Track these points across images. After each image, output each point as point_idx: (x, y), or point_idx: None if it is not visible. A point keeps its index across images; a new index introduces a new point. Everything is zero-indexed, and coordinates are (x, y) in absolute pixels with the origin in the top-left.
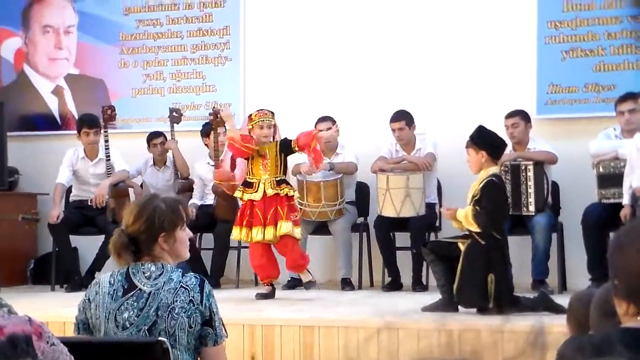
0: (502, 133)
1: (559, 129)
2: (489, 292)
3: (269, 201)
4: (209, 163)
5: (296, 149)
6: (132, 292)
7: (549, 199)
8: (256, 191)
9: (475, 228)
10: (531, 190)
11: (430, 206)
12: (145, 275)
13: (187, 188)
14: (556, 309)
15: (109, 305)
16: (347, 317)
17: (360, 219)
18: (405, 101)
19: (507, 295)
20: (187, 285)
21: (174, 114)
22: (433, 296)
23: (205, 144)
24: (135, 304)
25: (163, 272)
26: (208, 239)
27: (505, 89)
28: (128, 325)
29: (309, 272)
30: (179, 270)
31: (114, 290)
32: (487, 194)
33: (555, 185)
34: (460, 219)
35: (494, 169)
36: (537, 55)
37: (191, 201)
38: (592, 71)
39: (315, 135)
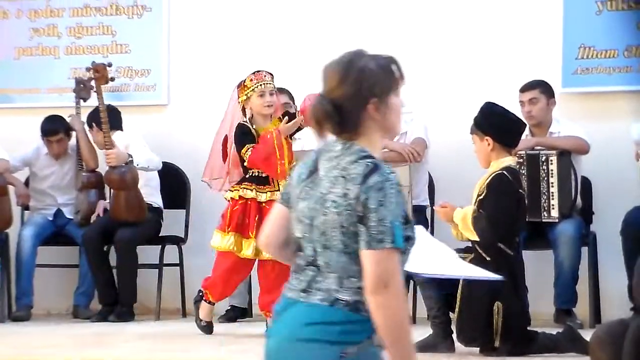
0: (517, 112)
1: (591, 106)
2: (495, 325)
3: None
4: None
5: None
6: (311, 177)
7: (578, 200)
8: (277, 188)
9: (473, 235)
10: (554, 189)
11: (419, 210)
12: (328, 155)
13: (94, 183)
14: (586, 349)
15: (293, 190)
16: None
17: None
18: None
19: (519, 330)
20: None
21: (82, 85)
22: (422, 331)
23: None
24: (312, 191)
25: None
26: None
27: (520, 53)
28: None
29: None
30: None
31: (300, 173)
32: (493, 193)
33: (586, 183)
34: (457, 221)
35: (508, 160)
36: (564, 7)
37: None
38: (637, 29)
39: None
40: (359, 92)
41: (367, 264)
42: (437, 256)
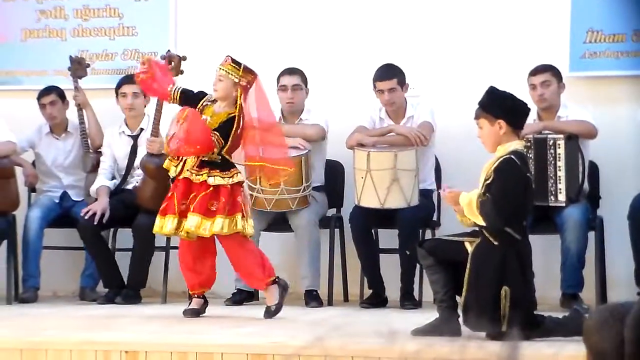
0: (524, 96)
1: (599, 91)
2: (502, 310)
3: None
4: (124, 132)
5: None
6: None
7: (585, 185)
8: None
9: (479, 220)
10: (561, 174)
11: (425, 194)
12: None
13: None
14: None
15: None
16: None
17: (332, 211)
18: (390, 53)
19: (526, 314)
20: None
21: (77, 64)
22: (428, 315)
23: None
24: None
25: None
26: (125, 237)
27: (528, 36)
28: None
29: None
30: None
31: None
32: (501, 177)
33: (593, 167)
34: (463, 205)
35: (516, 144)
36: None
37: (100, 183)
38: None
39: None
40: None
41: None
42: None
